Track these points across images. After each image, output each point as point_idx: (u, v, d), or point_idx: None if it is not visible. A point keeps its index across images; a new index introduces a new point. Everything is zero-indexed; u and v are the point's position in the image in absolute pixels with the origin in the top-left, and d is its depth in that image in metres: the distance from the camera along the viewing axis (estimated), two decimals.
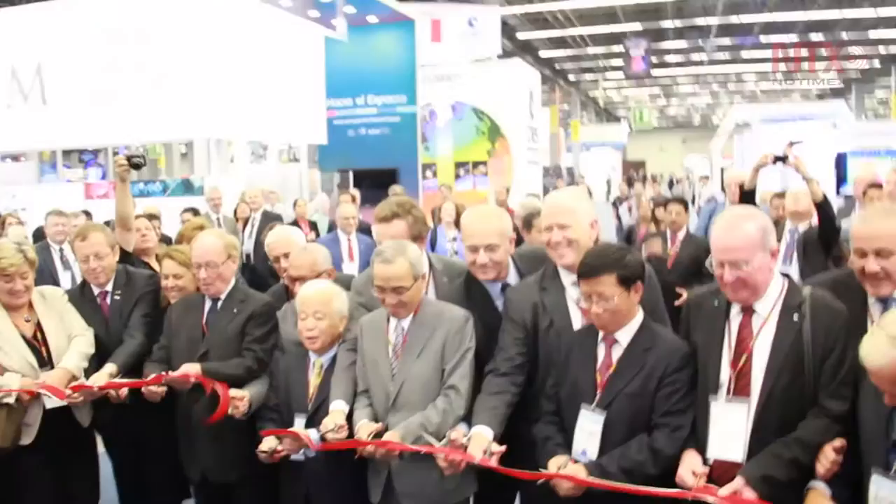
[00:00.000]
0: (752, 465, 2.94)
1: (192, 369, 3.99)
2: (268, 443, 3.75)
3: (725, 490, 2.88)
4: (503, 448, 3.27)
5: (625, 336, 3.25)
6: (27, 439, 4.10)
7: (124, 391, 4.20)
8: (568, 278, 3.55)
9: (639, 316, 3.28)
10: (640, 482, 3.02)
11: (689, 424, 3.13)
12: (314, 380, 3.88)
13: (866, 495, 2.70)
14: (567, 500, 3.12)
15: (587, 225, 3.56)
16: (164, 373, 4.05)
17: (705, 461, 3.07)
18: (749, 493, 2.86)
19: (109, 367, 4.25)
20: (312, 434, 3.63)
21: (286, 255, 4.60)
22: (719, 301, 3.19)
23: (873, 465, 2.68)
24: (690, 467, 3.03)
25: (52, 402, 4.15)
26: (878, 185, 7.45)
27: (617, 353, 3.25)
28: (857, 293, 3.12)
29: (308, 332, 3.81)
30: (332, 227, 10.27)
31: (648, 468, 3.08)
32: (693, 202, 12.91)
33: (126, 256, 5.19)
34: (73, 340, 4.32)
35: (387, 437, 3.42)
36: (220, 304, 4.30)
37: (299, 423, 3.81)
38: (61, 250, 7.99)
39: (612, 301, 3.14)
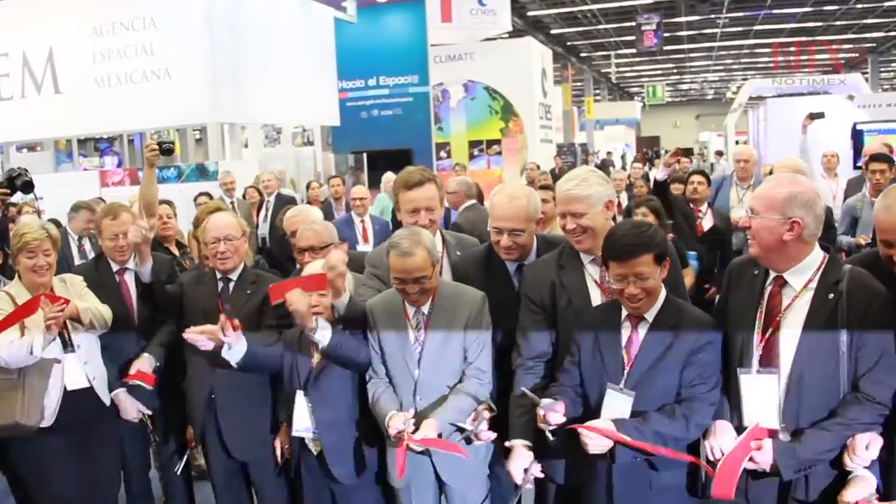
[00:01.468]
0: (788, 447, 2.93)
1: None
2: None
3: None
4: (541, 475, 3.29)
5: (650, 313, 3.22)
6: (46, 422, 4.15)
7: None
8: (587, 256, 3.55)
9: (662, 292, 3.25)
10: (670, 442, 3.04)
11: (717, 396, 3.13)
12: (317, 357, 3.91)
13: None
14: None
15: (601, 209, 3.50)
16: None
17: (743, 429, 3.07)
18: (765, 456, 2.90)
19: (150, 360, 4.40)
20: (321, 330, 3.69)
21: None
22: (759, 269, 3.17)
23: None
24: (721, 432, 3.07)
25: (73, 383, 4.23)
26: (879, 158, 7.34)
27: (643, 330, 3.23)
28: (889, 275, 3.03)
29: (313, 308, 3.77)
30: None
31: (681, 432, 3.08)
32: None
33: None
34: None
35: (424, 426, 3.41)
36: (232, 284, 4.34)
37: (300, 400, 3.89)
38: (80, 240, 8.03)
39: (649, 281, 3.10)
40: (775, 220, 2.99)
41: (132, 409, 4.54)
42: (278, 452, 4.15)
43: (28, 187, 5.30)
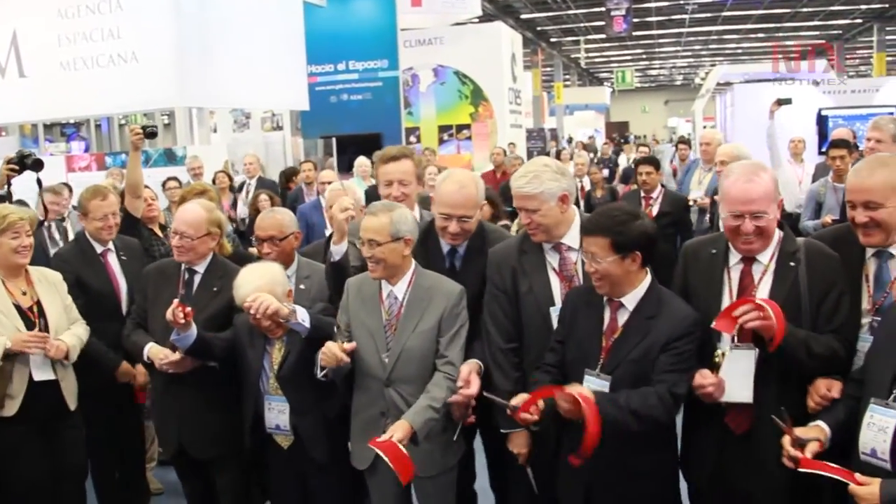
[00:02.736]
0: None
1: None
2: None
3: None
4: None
5: (631, 301, 3.25)
6: (9, 411, 4.12)
7: None
8: (546, 244, 3.62)
9: (645, 282, 3.27)
10: (646, 422, 3.10)
11: (686, 387, 3.17)
12: (276, 355, 3.91)
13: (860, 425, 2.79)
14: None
15: (555, 204, 3.52)
16: None
17: (718, 405, 3.21)
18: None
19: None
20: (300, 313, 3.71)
21: None
22: (717, 249, 3.31)
23: (874, 396, 2.76)
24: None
25: (40, 374, 4.19)
26: (839, 144, 7.48)
27: (623, 318, 3.27)
28: (856, 247, 3.21)
29: (255, 321, 3.79)
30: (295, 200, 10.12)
31: (658, 413, 3.11)
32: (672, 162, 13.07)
33: (134, 223, 5.48)
34: (75, 325, 4.42)
35: (396, 426, 3.43)
36: (198, 277, 4.28)
37: (267, 401, 3.92)
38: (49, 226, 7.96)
39: (601, 263, 3.14)
40: (774, 209, 3.18)
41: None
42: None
43: (38, 165, 5.52)
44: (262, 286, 3.71)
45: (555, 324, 3.50)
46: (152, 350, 4.15)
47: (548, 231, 3.54)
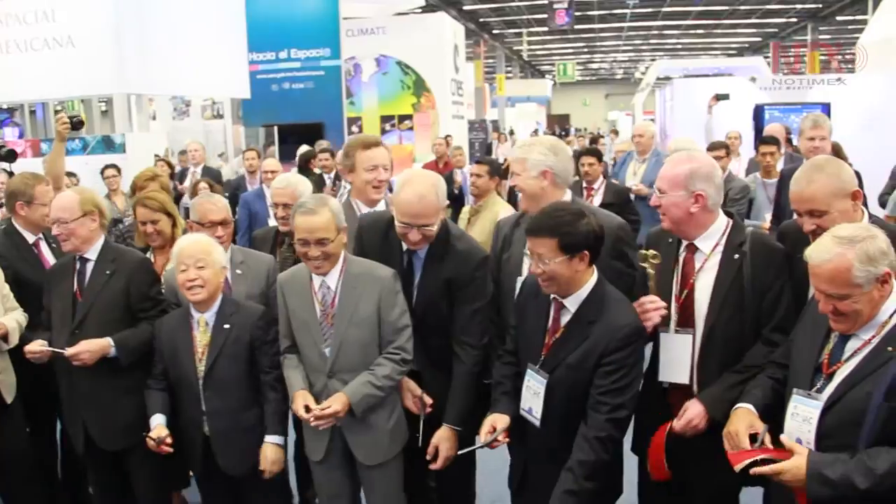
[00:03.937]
0: (710, 391, 3.23)
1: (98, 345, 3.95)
2: (157, 431, 3.75)
3: (681, 421, 3.23)
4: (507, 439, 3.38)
5: (573, 303, 3.20)
6: None
7: None
8: None
9: (590, 283, 3.20)
10: (601, 473, 3.14)
11: (631, 404, 3.17)
12: (201, 338, 3.81)
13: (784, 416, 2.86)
14: None
15: (535, 175, 3.64)
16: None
17: (660, 384, 3.40)
18: (697, 409, 3.20)
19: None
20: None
21: (286, 206, 4.55)
22: (672, 238, 3.44)
23: (797, 387, 2.82)
24: None
25: None
26: (768, 141, 7.69)
27: (565, 318, 3.25)
28: None
29: (190, 282, 3.71)
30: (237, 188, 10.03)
31: (601, 459, 3.11)
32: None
33: None
34: (13, 312, 4.33)
35: (333, 398, 3.49)
36: (90, 265, 4.15)
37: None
38: None
39: (549, 264, 3.09)
40: (681, 196, 3.27)
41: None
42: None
43: (11, 156, 5.63)
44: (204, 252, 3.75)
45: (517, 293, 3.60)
46: (29, 346, 4.01)
47: (526, 199, 3.72)
